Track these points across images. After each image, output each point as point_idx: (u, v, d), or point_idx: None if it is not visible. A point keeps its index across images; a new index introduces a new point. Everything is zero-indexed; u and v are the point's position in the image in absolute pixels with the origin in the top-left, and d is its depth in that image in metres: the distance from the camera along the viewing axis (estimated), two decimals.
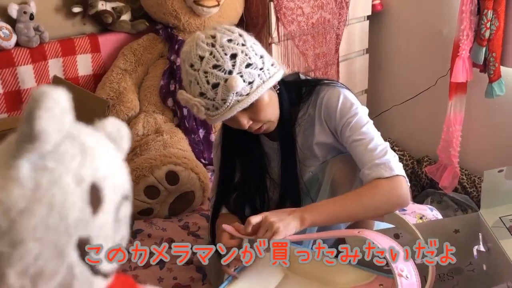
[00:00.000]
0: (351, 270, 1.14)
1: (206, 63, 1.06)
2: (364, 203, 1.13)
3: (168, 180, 1.68)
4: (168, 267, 1.51)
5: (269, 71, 1.12)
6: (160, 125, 1.96)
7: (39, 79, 1.95)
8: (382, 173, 1.14)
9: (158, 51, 2.11)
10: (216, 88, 1.06)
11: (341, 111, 1.21)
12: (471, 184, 2.39)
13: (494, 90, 2.06)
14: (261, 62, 1.11)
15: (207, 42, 1.07)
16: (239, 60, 1.07)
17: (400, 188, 1.14)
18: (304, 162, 1.30)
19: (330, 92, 1.23)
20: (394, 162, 1.17)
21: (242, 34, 1.11)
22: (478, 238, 1.21)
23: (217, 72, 1.06)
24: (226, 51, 1.06)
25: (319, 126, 1.26)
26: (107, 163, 0.54)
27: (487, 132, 2.33)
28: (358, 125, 1.20)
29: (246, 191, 1.32)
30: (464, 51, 2.05)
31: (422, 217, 1.69)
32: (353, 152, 1.20)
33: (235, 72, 1.06)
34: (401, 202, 1.15)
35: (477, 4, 2.01)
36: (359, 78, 2.71)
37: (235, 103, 1.08)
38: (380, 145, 1.18)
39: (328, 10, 2.35)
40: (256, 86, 1.09)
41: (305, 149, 1.29)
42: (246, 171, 1.32)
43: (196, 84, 1.07)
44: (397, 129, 2.77)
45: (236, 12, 2.18)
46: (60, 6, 2.04)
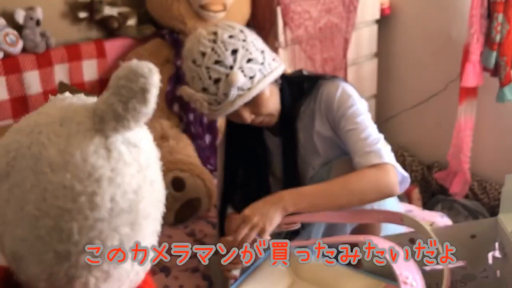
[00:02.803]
0: (359, 277, 1.13)
1: (208, 58, 1.10)
2: (350, 189, 1.13)
3: (174, 186, 1.67)
4: (174, 274, 1.50)
5: (270, 66, 1.16)
6: (166, 130, 1.95)
7: (45, 85, 1.95)
8: (371, 160, 1.15)
9: (164, 57, 2.10)
10: (218, 83, 1.10)
11: (339, 102, 1.23)
12: (482, 190, 2.36)
13: (505, 94, 2.05)
14: (261, 57, 1.14)
15: (208, 39, 1.11)
16: (240, 55, 1.10)
17: (388, 175, 1.15)
18: (306, 158, 1.31)
19: (329, 86, 1.26)
20: (385, 151, 1.18)
21: (243, 30, 1.15)
22: (494, 244, 1.20)
23: (219, 67, 1.09)
24: (227, 46, 1.10)
25: (319, 119, 1.27)
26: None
27: (499, 138, 2.30)
28: (354, 115, 1.21)
29: (250, 189, 1.33)
30: (474, 55, 2.03)
31: (432, 224, 1.67)
32: (347, 142, 1.21)
33: (236, 67, 1.10)
34: (388, 190, 1.15)
35: (488, 7, 1.99)
36: (367, 82, 2.68)
37: (236, 98, 1.11)
38: (372, 135, 1.19)
39: (335, 14, 2.33)
40: (257, 80, 1.13)
41: (307, 144, 1.30)
42: (249, 168, 1.34)
43: (199, 80, 1.11)
44: (406, 134, 2.74)
45: (243, 16, 2.17)
46: (66, 12, 2.04)
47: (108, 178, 0.46)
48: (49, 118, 0.47)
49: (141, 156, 0.49)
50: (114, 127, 0.46)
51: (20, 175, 0.45)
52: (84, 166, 0.45)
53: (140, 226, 0.49)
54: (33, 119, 0.48)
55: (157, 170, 0.52)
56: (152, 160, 0.51)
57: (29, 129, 0.47)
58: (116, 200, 0.47)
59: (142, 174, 0.49)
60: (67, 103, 0.49)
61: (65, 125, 0.46)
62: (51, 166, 0.44)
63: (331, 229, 1.25)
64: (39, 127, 0.46)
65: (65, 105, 0.49)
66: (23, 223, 0.45)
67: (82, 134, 0.46)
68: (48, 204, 0.44)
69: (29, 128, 0.47)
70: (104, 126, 0.46)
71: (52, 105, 0.50)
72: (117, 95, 0.45)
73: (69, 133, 0.46)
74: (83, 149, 0.45)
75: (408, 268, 1.01)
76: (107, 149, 0.46)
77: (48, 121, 0.47)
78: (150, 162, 0.50)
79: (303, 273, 1.15)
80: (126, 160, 0.47)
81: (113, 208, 0.47)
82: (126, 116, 0.45)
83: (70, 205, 0.44)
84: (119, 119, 0.45)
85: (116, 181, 0.46)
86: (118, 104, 0.45)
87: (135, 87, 0.44)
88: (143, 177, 0.49)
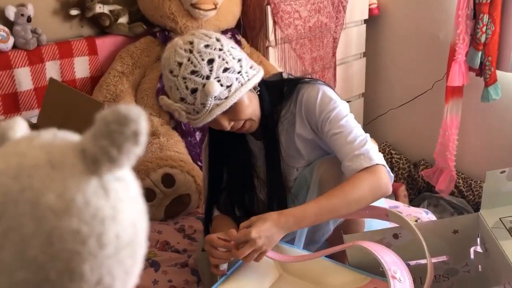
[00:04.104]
0: (345, 272, 1.14)
1: (184, 69, 1.08)
2: (348, 199, 1.14)
3: (164, 183, 1.67)
4: (163, 269, 1.51)
5: (248, 74, 1.14)
6: (156, 127, 1.96)
7: (36, 82, 1.95)
8: (361, 163, 1.16)
9: (155, 54, 2.11)
10: (195, 93, 1.09)
11: (320, 106, 1.23)
12: (468, 187, 2.40)
13: (490, 94, 2.07)
14: (238, 66, 1.13)
15: (185, 48, 1.10)
16: (216, 65, 1.09)
17: (381, 177, 1.16)
18: (289, 161, 1.31)
19: (309, 89, 1.25)
20: (374, 151, 1.18)
21: (219, 38, 1.13)
22: (476, 239, 1.22)
23: (195, 77, 1.08)
24: (203, 56, 1.09)
25: (300, 122, 1.27)
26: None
27: (483, 136, 2.34)
28: (337, 118, 1.21)
29: (235, 191, 1.34)
30: (460, 55, 2.06)
31: (417, 220, 1.69)
32: (333, 146, 1.22)
33: (212, 77, 1.08)
34: (382, 192, 1.17)
35: (473, 8, 2.02)
36: (356, 81, 2.71)
37: (214, 107, 1.10)
38: (359, 136, 1.20)
39: (325, 14, 2.36)
40: (234, 89, 1.11)
41: (289, 147, 1.30)
42: (233, 170, 1.33)
43: (176, 90, 1.10)
44: (393, 132, 2.78)
45: (233, 15, 2.18)
46: (58, 9, 2.04)
47: (111, 217, 0.47)
48: (35, 159, 0.47)
49: (130, 190, 0.50)
50: (109, 169, 0.48)
51: (16, 220, 0.45)
52: (87, 208, 0.46)
53: (138, 255, 0.51)
54: (14, 161, 0.47)
55: (141, 198, 0.53)
56: (137, 189, 0.52)
57: (14, 172, 0.46)
58: (120, 236, 0.48)
59: (135, 207, 0.51)
60: (46, 141, 0.49)
61: (57, 169, 0.46)
62: (53, 212, 0.45)
63: (314, 226, 1.25)
64: (27, 171, 0.46)
65: (45, 144, 0.49)
66: (25, 266, 0.45)
67: (77, 177, 0.46)
68: (56, 248, 0.45)
69: (13, 171, 0.46)
70: (99, 168, 0.47)
71: (27, 145, 0.49)
72: (109, 139, 0.45)
73: (64, 176, 0.46)
74: (83, 192, 0.46)
75: (396, 264, 1.04)
76: (104, 189, 0.47)
77: (35, 163, 0.46)
78: (137, 193, 0.52)
79: (290, 267, 1.16)
80: (121, 197, 0.48)
81: (119, 244, 0.48)
82: (121, 159, 0.47)
83: (79, 248, 0.45)
84: (114, 161, 0.47)
85: (118, 218, 0.47)
86: (112, 148, 0.46)
87: (127, 131, 0.45)
88: (136, 210, 0.51)
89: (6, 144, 0.51)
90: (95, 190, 0.47)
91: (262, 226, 1.08)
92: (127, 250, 0.49)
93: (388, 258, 1.04)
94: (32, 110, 1.96)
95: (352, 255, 1.16)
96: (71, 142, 0.50)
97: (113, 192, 0.48)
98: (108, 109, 0.46)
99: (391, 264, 1.02)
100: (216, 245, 1.13)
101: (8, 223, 0.45)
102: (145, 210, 0.52)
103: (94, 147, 0.46)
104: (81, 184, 0.46)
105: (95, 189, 0.47)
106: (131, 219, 0.49)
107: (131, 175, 0.52)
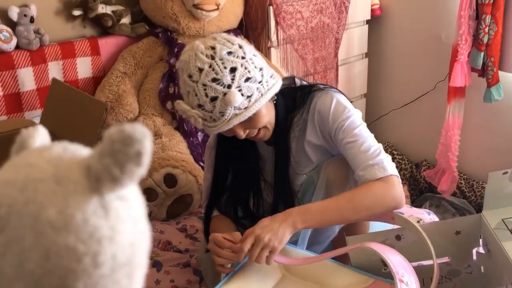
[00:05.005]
0: (349, 273, 1.14)
1: (205, 75, 1.05)
2: (357, 205, 1.13)
3: (166, 182, 1.68)
4: (166, 269, 1.51)
5: (268, 84, 1.12)
6: (159, 128, 1.96)
7: (39, 82, 1.96)
8: (375, 173, 1.14)
9: (158, 54, 2.11)
10: (214, 101, 1.06)
11: (334, 115, 1.21)
12: (470, 188, 2.39)
13: (492, 94, 2.07)
14: (260, 75, 1.10)
15: (206, 54, 1.06)
16: (238, 74, 1.06)
17: (394, 188, 1.14)
18: (298, 168, 1.31)
19: (323, 97, 1.23)
20: (387, 162, 1.17)
21: (242, 45, 1.10)
22: (478, 240, 1.22)
23: (216, 85, 1.05)
24: (226, 64, 1.05)
25: (311, 129, 1.26)
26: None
27: (486, 137, 2.34)
28: (351, 127, 1.20)
29: (240, 192, 1.33)
30: (462, 55, 2.06)
31: (419, 221, 1.69)
32: (346, 155, 1.20)
33: (234, 87, 1.05)
34: (395, 203, 1.15)
35: (476, 9, 2.02)
36: (358, 82, 2.71)
37: (233, 117, 1.08)
38: (373, 146, 1.18)
39: (327, 14, 2.36)
40: (254, 99, 1.09)
41: (298, 154, 1.30)
42: (240, 172, 1.32)
43: (194, 96, 1.07)
44: (396, 133, 2.78)
45: (236, 16, 2.18)
46: (61, 9, 2.04)
47: (109, 237, 0.46)
48: (42, 173, 0.47)
49: (133, 209, 0.49)
50: (111, 188, 0.47)
51: (18, 232, 0.45)
52: (86, 227, 0.45)
53: (136, 275, 0.51)
54: (23, 173, 0.47)
55: (145, 217, 0.53)
56: (141, 208, 0.52)
57: (21, 184, 0.46)
58: (116, 256, 0.48)
59: (136, 227, 0.50)
60: (55, 154, 0.49)
61: (61, 184, 0.46)
62: (52, 227, 0.45)
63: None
64: (33, 184, 0.46)
65: (54, 158, 0.49)
66: (23, 279, 0.45)
67: (80, 194, 0.46)
68: (52, 263, 0.45)
69: (21, 182, 0.47)
70: (101, 186, 0.46)
71: (38, 156, 0.49)
72: (112, 157, 0.45)
73: (67, 192, 0.46)
74: (83, 210, 0.45)
75: (404, 267, 1.03)
76: (104, 209, 0.47)
77: (41, 177, 0.46)
78: (140, 212, 0.51)
79: (293, 268, 1.16)
80: (122, 217, 0.48)
81: (114, 264, 0.48)
82: (123, 178, 0.47)
83: (75, 265, 0.45)
84: (116, 181, 0.47)
85: (116, 239, 0.47)
86: (114, 167, 0.45)
87: (131, 151, 0.45)
88: (137, 230, 0.50)
89: (22, 153, 0.51)
90: (95, 209, 0.46)
91: (264, 222, 1.10)
92: (124, 270, 0.48)
93: (396, 261, 1.03)
94: (35, 110, 1.97)
95: (355, 256, 1.16)
96: (79, 157, 0.50)
97: (113, 211, 0.47)
98: (115, 127, 0.46)
99: (398, 267, 1.02)
100: (222, 246, 1.12)
101: (11, 234, 0.45)
102: (148, 230, 0.52)
103: (98, 165, 0.46)
104: (81, 201, 0.46)
105: (95, 208, 0.46)
106: (130, 239, 0.48)
107: (135, 193, 0.51)
